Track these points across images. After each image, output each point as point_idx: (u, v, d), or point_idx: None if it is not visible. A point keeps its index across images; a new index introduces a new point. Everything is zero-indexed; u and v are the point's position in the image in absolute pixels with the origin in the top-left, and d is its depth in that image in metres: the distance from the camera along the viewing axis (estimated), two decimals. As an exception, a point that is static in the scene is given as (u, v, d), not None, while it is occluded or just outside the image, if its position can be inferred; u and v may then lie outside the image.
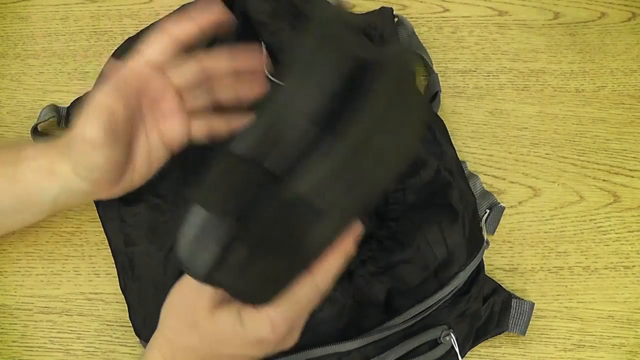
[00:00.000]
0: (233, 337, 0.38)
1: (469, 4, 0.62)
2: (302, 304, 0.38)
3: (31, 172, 0.45)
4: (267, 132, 0.34)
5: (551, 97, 0.59)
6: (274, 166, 0.34)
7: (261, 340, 0.38)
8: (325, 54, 0.34)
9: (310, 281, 0.38)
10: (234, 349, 0.39)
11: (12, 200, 0.45)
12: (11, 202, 0.45)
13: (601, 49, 0.60)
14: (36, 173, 0.44)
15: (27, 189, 0.45)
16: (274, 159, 0.34)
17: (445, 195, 0.49)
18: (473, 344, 0.51)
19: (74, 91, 0.58)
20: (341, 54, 0.34)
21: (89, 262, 0.53)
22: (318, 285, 0.38)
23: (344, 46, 0.35)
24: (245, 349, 0.39)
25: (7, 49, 0.59)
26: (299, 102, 0.33)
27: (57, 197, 0.45)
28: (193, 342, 0.39)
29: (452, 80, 0.59)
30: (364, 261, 0.49)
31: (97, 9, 0.61)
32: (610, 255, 0.55)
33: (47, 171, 0.44)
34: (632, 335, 0.53)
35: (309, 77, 0.34)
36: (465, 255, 0.48)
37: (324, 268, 0.38)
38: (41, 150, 0.45)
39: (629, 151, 0.57)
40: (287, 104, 0.33)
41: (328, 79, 0.34)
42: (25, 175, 0.45)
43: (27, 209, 0.46)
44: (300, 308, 0.38)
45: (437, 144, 0.51)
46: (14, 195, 0.45)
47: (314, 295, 0.38)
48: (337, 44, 0.34)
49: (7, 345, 0.51)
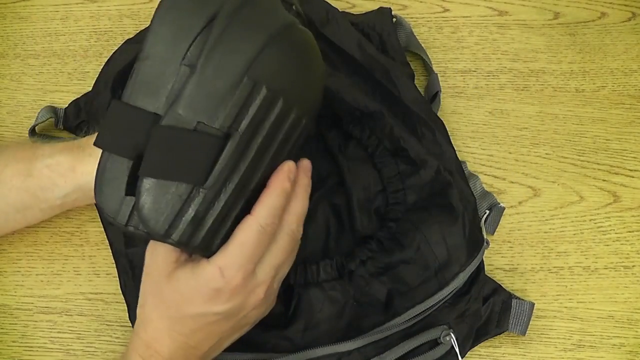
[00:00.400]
0: (190, 293, 0.39)
1: (469, 4, 0.62)
2: (248, 246, 0.39)
3: (47, 168, 0.46)
4: (145, 79, 0.38)
5: (551, 97, 0.59)
6: (157, 107, 0.38)
7: (216, 290, 0.39)
8: (185, 4, 0.39)
9: (252, 221, 0.39)
10: (196, 307, 0.39)
11: (24, 196, 0.46)
12: (23, 198, 0.46)
13: (601, 49, 0.60)
14: (52, 169, 0.45)
15: (41, 184, 0.46)
16: (155, 100, 0.38)
17: (445, 195, 0.49)
18: (473, 344, 0.51)
19: (73, 91, 0.58)
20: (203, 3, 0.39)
21: (89, 262, 0.53)
22: (260, 223, 0.39)
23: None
24: (206, 304, 0.39)
25: (7, 49, 0.59)
26: (169, 49, 0.38)
27: (68, 195, 0.46)
28: (161, 310, 0.40)
29: (452, 80, 0.59)
30: (364, 261, 0.49)
31: (97, 9, 0.61)
32: (610, 255, 0.55)
33: (66, 169, 0.45)
34: (632, 335, 0.53)
35: (175, 27, 0.38)
36: (465, 255, 0.48)
37: (260, 205, 0.39)
38: (60, 148, 0.46)
39: (629, 151, 0.57)
40: (159, 52, 0.38)
41: (192, 25, 0.38)
42: (40, 171, 0.46)
43: (38, 204, 0.47)
44: (248, 251, 0.39)
45: (437, 144, 0.51)
46: (27, 190, 0.46)
47: (258, 235, 0.39)
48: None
49: (7, 345, 0.51)
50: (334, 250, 0.51)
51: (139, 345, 0.42)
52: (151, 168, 0.37)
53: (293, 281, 0.49)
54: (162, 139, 0.37)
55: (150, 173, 0.37)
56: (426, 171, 0.50)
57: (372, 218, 0.51)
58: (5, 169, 0.46)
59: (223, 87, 0.38)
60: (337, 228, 0.52)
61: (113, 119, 0.39)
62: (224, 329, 0.41)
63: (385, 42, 0.56)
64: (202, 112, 0.37)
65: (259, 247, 0.39)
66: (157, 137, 0.37)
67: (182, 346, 0.41)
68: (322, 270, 0.49)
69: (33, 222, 0.50)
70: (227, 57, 0.38)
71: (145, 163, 0.37)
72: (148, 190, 0.37)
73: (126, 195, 0.38)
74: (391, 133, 0.51)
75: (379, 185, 0.52)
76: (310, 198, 0.44)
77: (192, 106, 0.37)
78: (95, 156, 0.44)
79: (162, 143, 0.37)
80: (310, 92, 0.43)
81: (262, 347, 0.47)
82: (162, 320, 0.40)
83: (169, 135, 0.37)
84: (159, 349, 0.41)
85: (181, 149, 0.37)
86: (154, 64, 0.38)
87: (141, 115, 0.38)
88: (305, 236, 0.48)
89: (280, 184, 0.40)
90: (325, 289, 0.48)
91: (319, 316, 0.47)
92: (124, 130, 0.39)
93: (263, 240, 0.39)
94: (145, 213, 0.37)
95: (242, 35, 0.38)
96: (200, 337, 0.41)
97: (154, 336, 0.41)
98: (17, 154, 0.47)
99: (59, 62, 0.59)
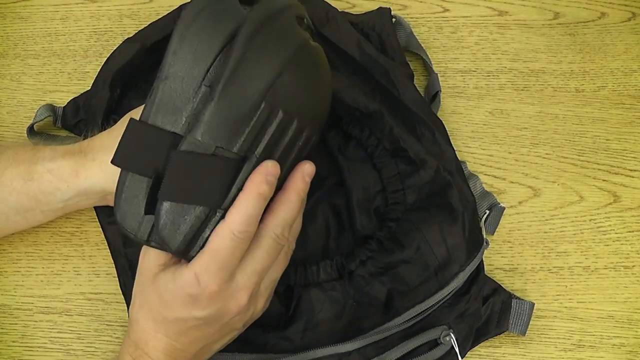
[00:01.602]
0: (169, 297, 0.39)
1: (469, 4, 0.62)
2: (221, 252, 0.38)
3: (48, 172, 0.45)
4: (165, 99, 0.38)
5: (551, 97, 0.59)
6: (177, 128, 0.39)
7: (191, 295, 0.38)
8: (205, 23, 0.38)
9: (224, 227, 0.38)
10: (175, 311, 0.39)
11: (25, 198, 0.46)
12: (24, 200, 0.46)
13: (601, 49, 0.60)
14: (54, 174, 0.45)
15: (42, 188, 0.45)
16: (174, 120, 0.39)
17: (445, 195, 0.49)
18: (473, 344, 0.51)
19: (73, 91, 0.58)
20: (224, 18, 0.39)
21: (89, 262, 0.53)
22: (232, 230, 0.38)
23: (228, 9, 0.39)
24: (183, 308, 0.39)
25: (7, 49, 0.59)
26: (189, 69, 0.38)
27: (70, 199, 0.46)
28: (145, 312, 0.40)
29: (452, 80, 0.59)
30: (364, 261, 0.49)
31: (97, 9, 0.61)
32: (610, 255, 0.55)
33: (68, 174, 0.45)
34: (632, 335, 0.53)
35: (195, 47, 0.38)
36: (465, 255, 0.48)
37: (234, 211, 0.38)
38: (62, 152, 0.46)
39: (629, 151, 0.57)
40: (179, 72, 0.38)
41: (213, 42, 0.38)
42: (41, 175, 0.45)
43: (38, 207, 0.47)
44: (221, 257, 0.38)
45: (437, 144, 0.51)
46: (28, 193, 0.46)
47: (231, 243, 0.38)
48: (219, 9, 0.39)
49: (7, 345, 0.51)
50: (334, 251, 0.51)
51: (129, 345, 0.42)
52: (171, 193, 0.38)
53: (293, 282, 0.49)
54: (182, 164, 0.38)
55: (170, 197, 0.38)
56: (426, 171, 0.50)
57: (372, 218, 0.51)
58: (5, 172, 0.46)
59: (242, 112, 0.38)
60: (337, 228, 0.52)
61: (132, 138, 0.39)
62: (209, 333, 0.41)
63: (384, 42, 0.56)
64: (220, 137, 0.38)
65: (233, 254, 0.38)
66: (177, 162, 0.38)
67: (168, 348, 0.41)
68: (322, 270, 0.49)
69: (34, 224, 0.50)
70: (245, 84, 0.38)
71: (165, 187, 0.38)
72: (167, 212, 0.38)
73: (145, 214, 0.39)
74: (391, 133, 0.51)
75: (378, 185, 0.52)
76: (310, 198, 0.44)
77: (211, 132, 0.38)
78: (98, 160, 0.44)
79: (182, 168, 0.38)
80: (321, 108, 0.44)
81: (262, 348, 0.47)
82: (147, 321, 0.41)
83: (188, 161, 0.38)
84: (147, 350, 0.41)
85: (200, 173, 0.38)
86: (174, 84, 0.38)
87: (162, 136, 0.39)
88: (305, 236, 0.48)
89: (255, 187, 0.38)
90: (325, 289, 0.48)
91: (319, 316, 0.47)
92: (144, 150, 0.39)
93: (237, 247, 0.38)
94: (165, 234, 0.38)
95: (259, 62, 0.38)
96: (185, 340, 0.41)
97: (140, 337, 0.41)
98: (17, 156, 0.47)
99: (59, 62, 0.59)
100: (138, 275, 0.42)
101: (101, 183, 0.45)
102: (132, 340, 0.42)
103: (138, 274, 0.42)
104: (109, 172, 0.44)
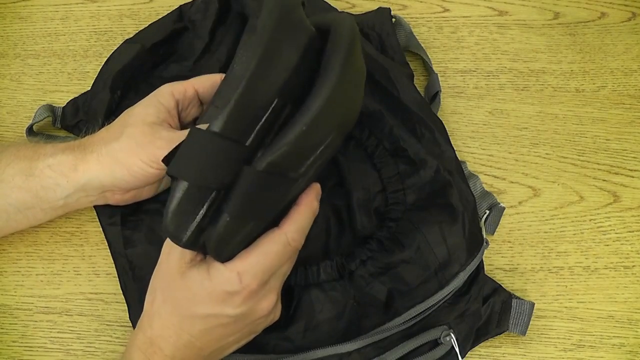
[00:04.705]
0: (203, 294, 0.39)
1: (469, 4, 0.62)
2: (270, 257, 0.39)
3: (49, 168, 0.46)
4: (238, 110, 0.36)
5: (551, 97, 0.59)
6: (247, 140, 0.37)
7: (230, 293, 0.39)
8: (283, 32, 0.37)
9: (281, 236, 0.40)
10: (206, 307, 0.40)
11: (26, 195, 0.46)
12: (24, 197, 0.46)
13: (601, 49, 0.60)
14: (54, 169, 0.45)
15: (43, 184, 0.46)
16: (247, 133, 0.37)
17: (445, 195, 0.49)
18: (473, 344, 0.51)
19: (73, 91, 0.58)
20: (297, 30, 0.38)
21: (89, 262, 0.53)
22: (289, 241, 0.40)
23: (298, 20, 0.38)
24: (217, 305, 0.39)
25: (7, 49, 0.59)
26: (266, 79, 0.36)
27: (70, 196, 0.46)
28: (172, 307, 0.40)
29: (452, 80, 0.59)
30: (364, 261, 0.49)
31: (97, 9, 0.61)
32: (610, 255, 0.55)
33: (68, 168, 0.45)
34: (632, 335, 0.53)
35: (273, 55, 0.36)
36: (465, 255, 0.48)
37: (290, 222, 0.40)
38: (62, 147, 0.46)
39: (629, 151, 0.57)
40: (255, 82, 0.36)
41: (289, 55, 0.37)
42: (42, 171, 0.46)
43: (39, 204, 0.47)
44: (269, 262, 0.39)
45: (436, 144, 0.51)
46: (29, 189, 0.46)
47: (284, 250, 0.40)
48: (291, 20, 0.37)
49: (7, 345, 0.51)
50: (334, 251, 0.51)
51: (142, 342, 0.41)
52: (240, 209, 0.37)
53: (293, 282, 0.49)
54: (257, 182, 0.37)
55: (239, 214, 0.37)
56: (426, 171, 0.50)
57: (372, 218, 0.51)
58: (6, 168, 0.46)
59: (318, 142, 0.38)
60: (337, 228, 0.52)
61: (195, 148, 0.37)
62: (232, 332, 0.41)
63: (384, 42, 0.56)
64: (294, 161, 0.38)
65: (280, 260, 0.40)
66: (251, 180, 0.37)
67: (187, 345, 0.41)
68: (323, 270, 0.49)
69: (35, 223, 0.50)
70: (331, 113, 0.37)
71: (236, 204, 0.37)
72: (227, 225, 0.37)
73: (202, 229, 0.38)
74: (390, 133, 0.51)
75: (378, 185, 0.52)
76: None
77: (289, 157, 0.37)
78: (96, 153, 0.45)
79: (254, 187, 0.37)
80: (355, 117, 0.45)
81: (263, 349, 0.47)
82: (171, 317, 0.40)
83: (263, 179, 0.37)
84: (163, 346, 0.41)
85: (268, 193, 0.38)
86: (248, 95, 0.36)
87: (232, 149, 0.37)
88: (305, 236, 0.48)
89: (311, 204, 0.42)
90: (326, 289, 0.48)
91: (319, 317, 0.47)
92: (209, 162, 0.37)
93: (286, 254, 0.40)
94: (215, 245, 0.38)
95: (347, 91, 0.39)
96: (207, 339, 0.41)
97: (160, 333, 0.41)
98: (18, 153, 0.47)
99: (59, 62, 0.59)
100: (162, 271, 0.41)
101: (99, 177, 0.45)
102: (148, 336, 0.41)
103: (162, 270, 0.41)
104: (106, 165, 0.44)
